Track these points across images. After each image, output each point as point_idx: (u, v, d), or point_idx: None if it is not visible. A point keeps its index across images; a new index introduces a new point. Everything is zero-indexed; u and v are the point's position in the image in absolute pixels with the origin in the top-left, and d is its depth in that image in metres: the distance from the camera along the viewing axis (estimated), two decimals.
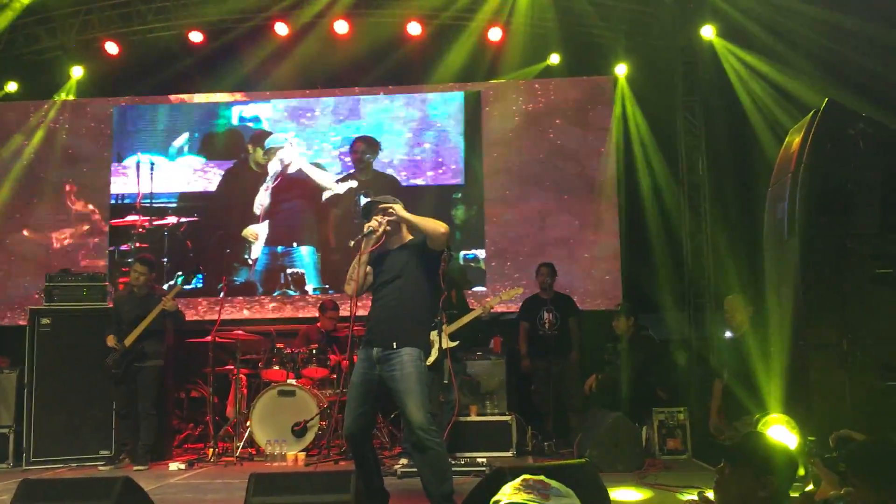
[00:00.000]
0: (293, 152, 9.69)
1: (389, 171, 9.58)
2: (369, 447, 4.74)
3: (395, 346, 4.52)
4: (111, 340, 7.03)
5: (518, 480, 2.22)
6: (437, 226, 4.61)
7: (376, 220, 4.63)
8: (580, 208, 9.34)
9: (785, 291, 5.36)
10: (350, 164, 9.64)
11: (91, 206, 9.71)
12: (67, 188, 9.74)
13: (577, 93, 9.60)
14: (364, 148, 9.62)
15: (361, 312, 5.19)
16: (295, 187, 9.66)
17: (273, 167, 9.68)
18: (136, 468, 6.83)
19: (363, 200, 4.72)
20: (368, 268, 4.72)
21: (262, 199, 9.63)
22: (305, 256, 9.52)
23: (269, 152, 9.71)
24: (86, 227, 9.67)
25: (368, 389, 4.58)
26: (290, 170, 9.67)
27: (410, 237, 4.80)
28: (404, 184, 9.51)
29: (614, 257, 9.19)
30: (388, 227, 4.67)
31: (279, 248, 9.55)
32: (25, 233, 9.66)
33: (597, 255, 9.21)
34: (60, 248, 9.60)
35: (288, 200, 9.64)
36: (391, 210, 4.63)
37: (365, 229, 4.61)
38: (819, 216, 5.08)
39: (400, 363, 4.50)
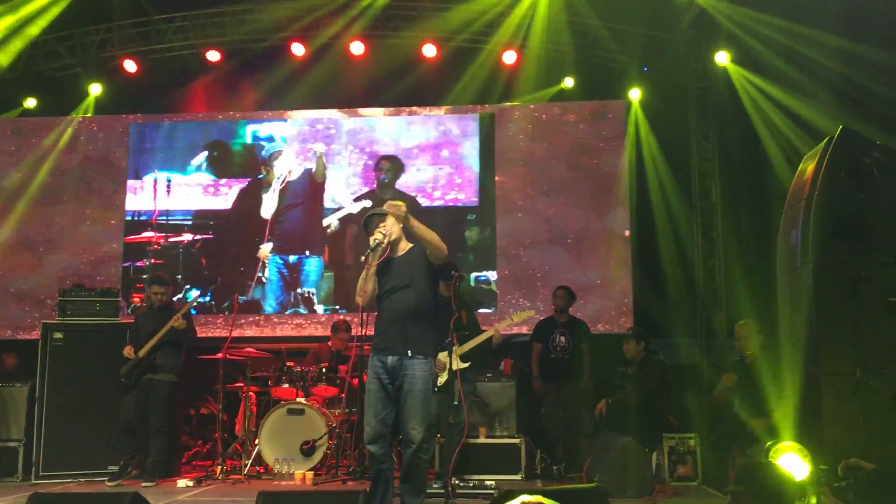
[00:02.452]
0: (292, 158, 9.78)
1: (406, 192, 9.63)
2: (389, 458, 4.78)
3: (409, 354, 4.66)
4: (128, 351, 7.07)
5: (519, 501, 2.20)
6: (440, 243, 4.80)
7: (380, 233, 4.78)
8: (592, 233, 9.34)
9: (798, 318, 5.33)
10: (368, 181, 9.69)
11: (106, 222, 9.78)
12: (83, 204, 9.82)
13: (590, 117, 9.63)
14: (388, 166, 9.68)
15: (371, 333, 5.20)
16: (300, 193, 9.73)
17: (276, 172, 9.76)
18: (143, 484, 6.82)
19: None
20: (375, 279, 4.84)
21: (268, 203, 9.69)
22: (314, 270, 9.55)
23: (270, 158, 9.78)
24: (101, 243, 9.74)
25: (386, 395, 4.71)
26: (292, 176, 9.75)
27: (411, 245, 4.94)
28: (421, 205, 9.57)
29: (626, 282, 9.17)
30: (392, 237, 4.81)
31: (291, 258, 9.59)
32: (40, 247, 9.73)
33: (608, 279, 9.19)
34: (75, 263, 9.67)
35: (294, 206, 9.71)
36: (397, 205, 4.78)
37: (371, 242, 4.77)
38: (833, 243, 5.06)
39: (412, 379, 4.64)
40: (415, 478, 4.71)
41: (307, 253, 9.61)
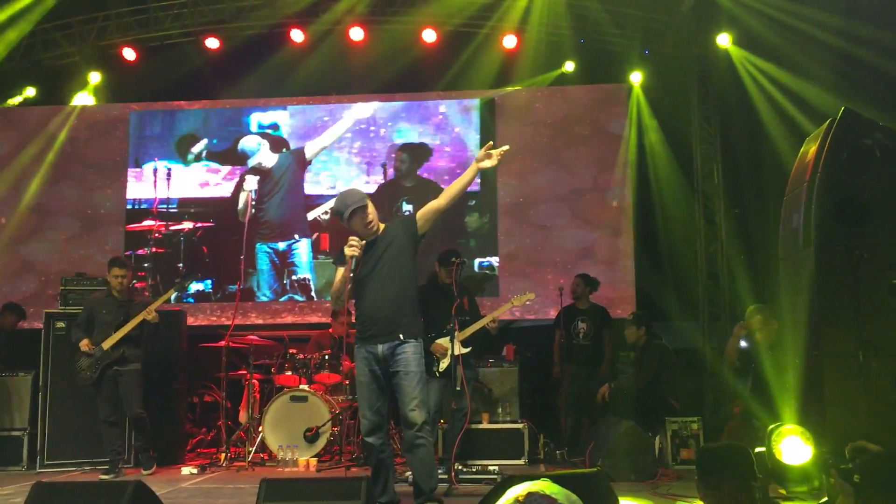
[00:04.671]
0: (267, 148, 9.78)
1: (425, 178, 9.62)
2: (387, 447, 4.78)
3: (401, 338, 4.60)
4: (85, 345, 6.81)
5: (523, 491, 2.16)
6: (452, 197, 4.71)
7: (351, 248, 4.56)
8: (594, 216, 9.32)
9: (800, 301, 5.32)
10: (370, 168, 9.66)
11: (107, 211, 9.77)
12: (84, 193, 9.80)
13: (591, 101, 9.60)
14: (403, 157, 9.64)
15: None
16: (280, 180, 9.72)
17: (253, 164, 9.80)
18: (144, 472, 6.81)
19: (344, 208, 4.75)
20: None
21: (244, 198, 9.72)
22: (305, 254, 9.54)
23: (246, 152, 9.81)
24: (102, 232, 9.73)
25: (378, 385, 4.65)
26: (269, 164, 9.77)
27: (386, 224, 4.83)
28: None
29: (628, 266, 9.16)
30: (372, 227, 4.67)
31: (280, 245, 9.59)
32: (41, 237, 9.73)
33: (610, 263, 9.18)
34: (76, 252, 9.66)
35: (274, 194, 9.71)
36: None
37: (347, 259, 4.57)
38: (834, 226, 5.04)
39: (405, 361, 4.58)
40: (423, 460, 4.62)
41: (296, 237, 9.60)
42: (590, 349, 7.86)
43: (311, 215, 9.63)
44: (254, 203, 9.69)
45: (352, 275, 4.61)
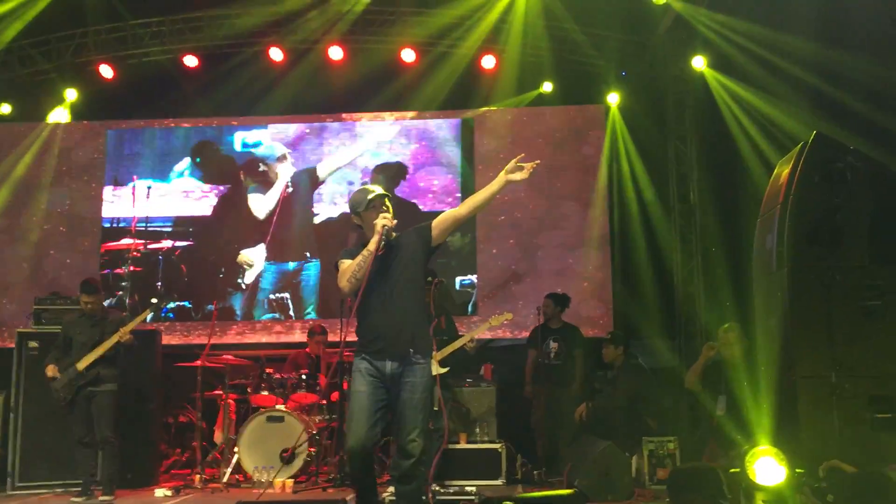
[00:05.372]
0: (289, 165, 9.80)
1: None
2: (372, 467, 4.54)
3: (411, 352, 4.23)
4: (51, 370, 6.66)
5: None
6: (480, 203, 4.58)
7: (385, 218, 4.29)
8: (572, 235, 9.38)
9: (773, 322, 5.37)
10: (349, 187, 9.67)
11: (84, 230, 9.69)
12: (60, 211, 9.72)
13: (569, 121, 9.68)
14: (378, 178, 9.58)
15: (351, 338, 5.12)
16: (293, 200, 9.73)
17: (280, 176, 9.75)
18: (102, 498, 6.57)
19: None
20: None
21: (265, 204, 9.68)
22: (312, 275, 9.52)
23: (272, 159, 9.79)
24: (77, 251, 9.64)
25: (378, 400, 4.25)
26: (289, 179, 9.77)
27: (395, 233, 4.47)
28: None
29: (605, 285, 9.21)
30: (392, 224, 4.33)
31: (290, 265, 9.56)
32: (15, 255, 9.63)
33: (588, 282, 9.23)
34: (51, 271, 9.57)
35: (287, 211, 9.69)
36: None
37: (379, 227, 4.25)
38: (807, 248, 5.11)
39: (411, 386, 4.22)
40: (411, 495, 4.28)
41: (308, 255, 9.57)
42: (562, 369, 7.85)
43: None
44: (290, 188, 9.66)
45: (383, 243, 4.24)
